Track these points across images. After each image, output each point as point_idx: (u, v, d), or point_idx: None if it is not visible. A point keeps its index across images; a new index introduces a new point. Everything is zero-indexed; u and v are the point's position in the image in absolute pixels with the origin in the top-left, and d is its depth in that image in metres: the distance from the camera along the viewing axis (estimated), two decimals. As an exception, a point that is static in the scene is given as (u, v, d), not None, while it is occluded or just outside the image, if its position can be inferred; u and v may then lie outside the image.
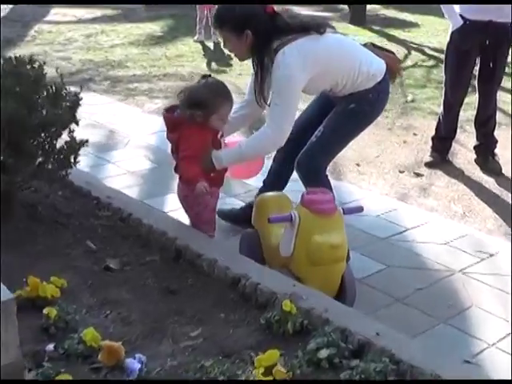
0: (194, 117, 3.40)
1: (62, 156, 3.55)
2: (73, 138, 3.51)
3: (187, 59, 9.50)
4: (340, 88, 3.63)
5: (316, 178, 3.72)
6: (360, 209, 3.43)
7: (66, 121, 3.55)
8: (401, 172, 5.31)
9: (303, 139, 3.72)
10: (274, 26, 3.46)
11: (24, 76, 3.43)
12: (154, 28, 11.84)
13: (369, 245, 4.08)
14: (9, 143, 3.38)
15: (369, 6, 13.90)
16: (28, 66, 3.51)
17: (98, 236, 3.57)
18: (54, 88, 3.53)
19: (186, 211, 3.71)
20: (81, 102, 3.62)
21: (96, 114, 6.58)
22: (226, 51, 4.19)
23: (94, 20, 12.74)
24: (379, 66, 3.70)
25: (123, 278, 3.20)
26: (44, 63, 3.82)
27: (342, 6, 14.80)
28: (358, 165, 5.44)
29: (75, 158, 3.59)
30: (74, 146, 3.54)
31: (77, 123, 3.69)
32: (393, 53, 3.96)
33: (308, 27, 3.50)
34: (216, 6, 3.69)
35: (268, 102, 3.59)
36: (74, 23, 12.28)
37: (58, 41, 10.49)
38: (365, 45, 3.82)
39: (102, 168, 5.23)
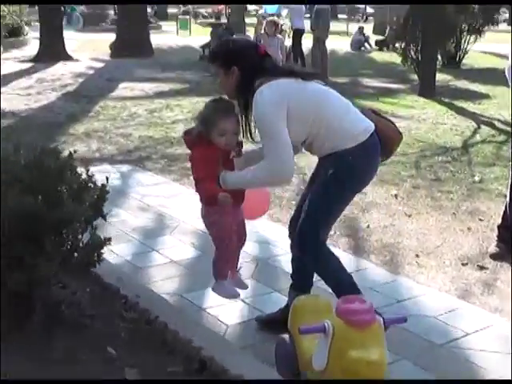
0: (200, 135, 3.44)
1: (84, 254, 3.31)
2: (95, 235, 3.28)
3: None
4: (319, 143, 3.45)
5: (316, 256, 3.56)
6: (403, 320, 3.06)
7: (89, 216, 3.33)
8: (463, 265, 4.89)
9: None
10: (262, 66, 3.45)
11: (46, 168, 3.23)
12: (220, 102, 11.79)
13: (424, 353, 3.67)
14: (27, 239, 3.18)
15: (439, 77, 13.63)
16: (52, 158, 3.29)
17: (120, 340, 3.31)
18: (79, 180, 3.30)
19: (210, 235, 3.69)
20: (134, 183, 3.41)
21: (148, 195, 6.43)
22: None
23: (160, 94, 12.84)
24: (366, 127, 3.47)
25: (142, 391, 2.92)
26: (75, 152, 3.63)
27: (412, 77, 14.55)
28: (417, 256, 5.05)
29: (99, 256, 3.35)
30: (97, 244, 3.30)
31: (104, 217, 3.49)
32: (394, 124, 3.70)
33: (294, 72, 3.49)
34: None
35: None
36: (140, 98, 12.38)
37: (121, 116, 10.52)
38: (363, 109, 3.65)
39: (145, 256, 4.99)
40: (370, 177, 3.62)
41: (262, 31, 11.75)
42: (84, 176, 3.53)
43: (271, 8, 15.39)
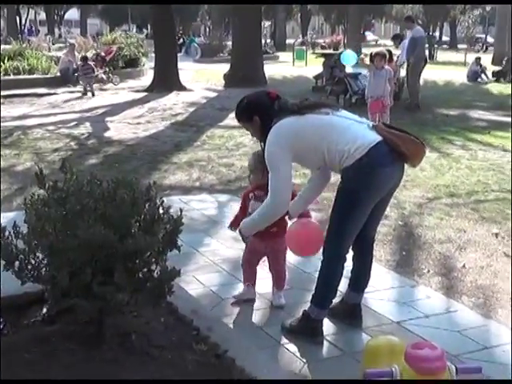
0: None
1: (156, 285, 3.30)
2: (164, 268, 3.27)
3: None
4: (330, 166, 3.97)
5: (336, 266, 4.05)
6: (478, 370, 2.85)
7: (161, 247, 3.33)
8: (561, 310, 4.59)
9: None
10: (273, 109, 3.98)
11: (119, 200, 3.25)
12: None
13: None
14: (99, 270, 3.21)
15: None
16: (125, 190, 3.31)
17: (187, 374, 3.26)
18: (151, 212, 3.30)
19: None
20: (230, 212, 3.52)
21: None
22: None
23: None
24: (364, 143, 3.79)
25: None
26: (154, 183, 3.64)
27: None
28: (512, 299, 4.79)
29: (169, 289, 3.33)
30: (167, 276, 3.29)
31: (178, 249, 3.48)
32: (411, 134, 3.95)
33: (298, 108, 3.95)
34: None
35: None
36: (247, 128, 12.44)
37: (227, 146, 10.61)
38: (373, 125, 4.02)
39: (230, 287, 4.94)
40: (380, 184, 3.89)
41: (369, 62, 11.63)
42: (160, 208, 3.52)
43: (348, 59, 14.72)
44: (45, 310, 3.72)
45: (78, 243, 3.13)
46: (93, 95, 17.22)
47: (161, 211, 3.46)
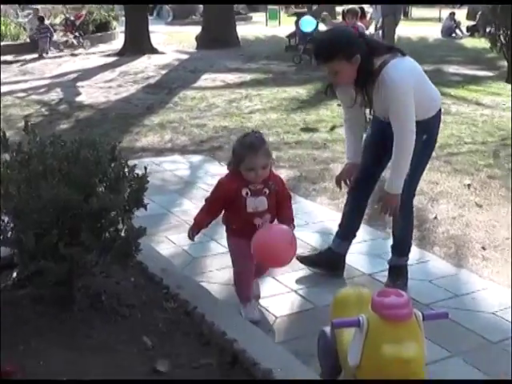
0: (230, 166, 3.73)
1: (124, 244, 3.28)
2: (131, 227, 3.24)
3: (325, 124, 9.12)
4: (416, 112, 3.75)
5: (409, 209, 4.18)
6: (445, 315, 2.88)
7: (127, 206, 3.30)
8: (532, 259, 4.63)
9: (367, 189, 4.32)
10: (369, 47, 3.76)
11: (83, 160, 3.20)
12: (301, 92, 11.67)
13: (476, 350, 3.49)
14: (65, 231, 3.18)
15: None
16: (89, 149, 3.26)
17: (157, 331, 3.26)
18: (116, 171, 3.27)
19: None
20: (202, 173, 3.47)
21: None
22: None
23: (241, 85, 12.80)
24: (438, 94, 4.02)
25: (169, 385, 2.86)
26: (119, 143, 3.59)
27: (501, 64, 14.02)
28: (483, 248, 4.82)
29: (137, 247, 3.31)
30: (134, 235, 3.26)
31: (145, 207, 3.44)
32: None
33: (392, 48, 3.90)
34: None
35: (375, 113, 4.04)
36: (220, 88, 12.38)
37: (199, 107, 10.53)
38: None
39: (202, 246, 4.92)
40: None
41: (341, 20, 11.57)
42: (125, 167, 3.48)
43: (307, 25, 14.86)
44: (15, 275, 3.69)
45: (42, 204, 3.09)
46: (46, 53, 17.48)
47: (126, 170, 3.42)
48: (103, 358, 3.02)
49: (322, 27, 14.68)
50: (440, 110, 3.98)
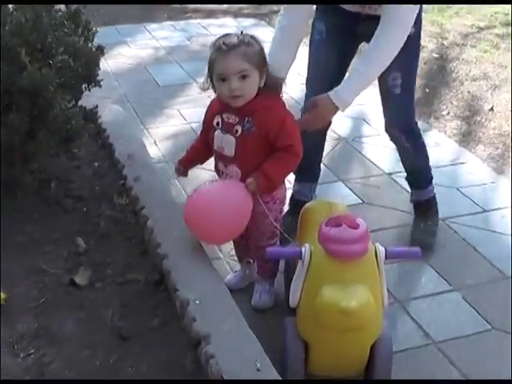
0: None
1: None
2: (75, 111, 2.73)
3: None
4: None
5: (419, 138, 3.11)
6: (415, 254, 2.25)
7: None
8: None
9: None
10: None
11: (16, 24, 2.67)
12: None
13: (483, 286, 2.84)
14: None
15: None
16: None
17: (97, 232, 2.82)
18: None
19: None
20: None
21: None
22: None
23: None
24: None
25: (81, 302, 2.43)
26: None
27: None
28: None
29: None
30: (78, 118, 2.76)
31: (98, 84, 2.92)
32: None
33: None
34: None
35: None
36: None
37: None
38: None
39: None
40: None
41: None
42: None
43: None
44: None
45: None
46: None
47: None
48: (26, 259, 2.61)
49: None
50: None
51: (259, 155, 2.38)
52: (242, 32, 2.39)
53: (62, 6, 2.99)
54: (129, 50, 5.84)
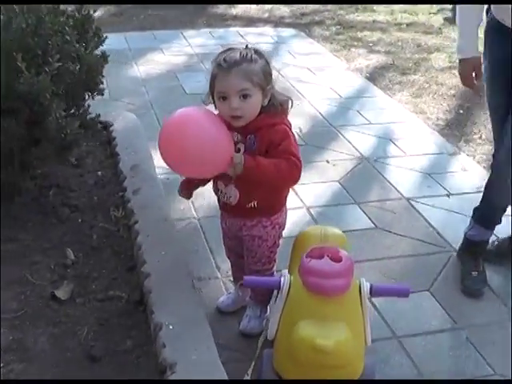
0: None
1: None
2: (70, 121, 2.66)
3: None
4: None
5: None
6: (404, 291, 2.09)
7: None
8: None
9: None
10: None
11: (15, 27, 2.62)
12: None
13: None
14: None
15: None
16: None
17: (88, 244, 2.74)
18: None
19: None
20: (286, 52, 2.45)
21: (290, 65, 5.59)
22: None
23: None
24: None
25: (59, 317, 2.35)
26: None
27: None
28: None
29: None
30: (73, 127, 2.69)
31: (100, 93, 2.85)
32: None
33: None
34: None
35: None
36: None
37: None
38: None
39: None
40: None
41: None
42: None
43: None
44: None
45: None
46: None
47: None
48: (13, 269, 2.56)
49: None
50: None
51: None
52: (246, 46, 2.26)
53: (69, 9, 2.92)
54: (162, 56, 5.79)
